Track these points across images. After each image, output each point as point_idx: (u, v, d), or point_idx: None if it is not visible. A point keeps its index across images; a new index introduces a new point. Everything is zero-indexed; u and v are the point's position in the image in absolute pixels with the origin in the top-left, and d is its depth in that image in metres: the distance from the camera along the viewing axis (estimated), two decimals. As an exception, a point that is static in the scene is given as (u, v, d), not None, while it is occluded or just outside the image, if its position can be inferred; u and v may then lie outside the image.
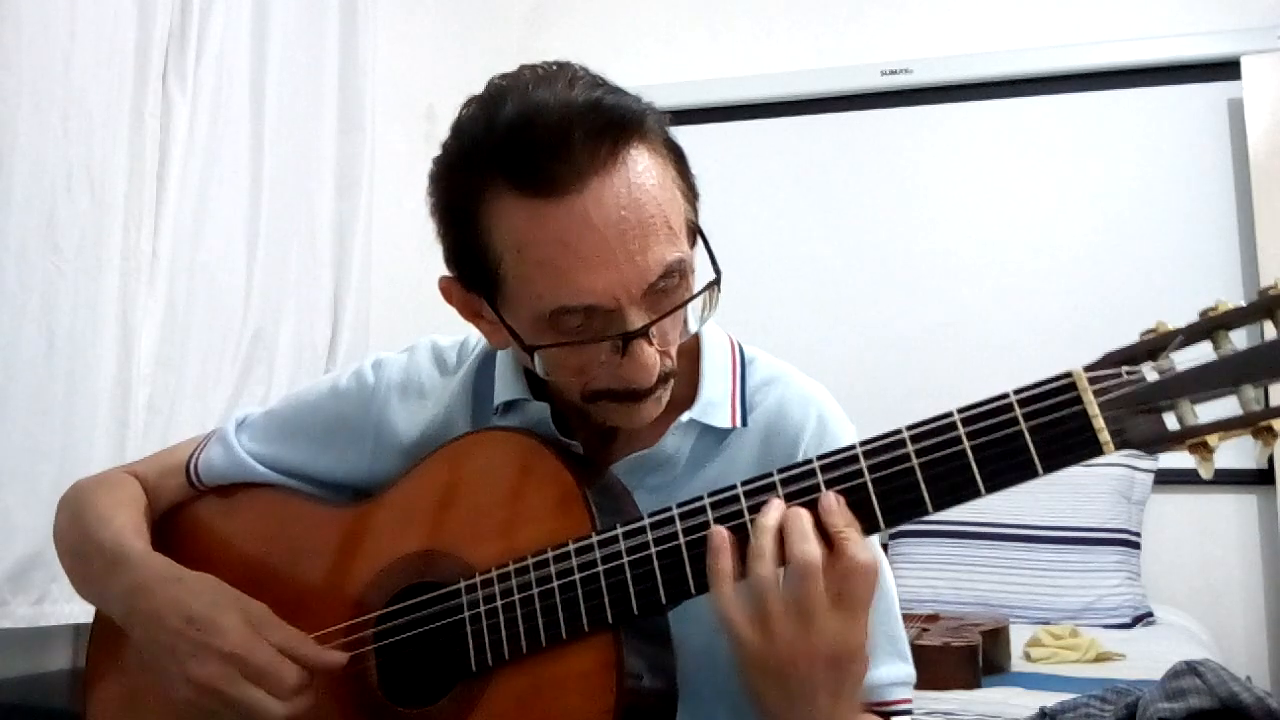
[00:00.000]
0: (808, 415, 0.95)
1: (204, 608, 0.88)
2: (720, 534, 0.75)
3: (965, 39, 3.10)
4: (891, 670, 0.91)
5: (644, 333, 0.80)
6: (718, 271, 0.84)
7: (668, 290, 0.82)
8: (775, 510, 0.75)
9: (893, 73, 3.10)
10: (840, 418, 0.97)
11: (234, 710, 0.85)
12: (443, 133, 0.85)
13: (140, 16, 2.02)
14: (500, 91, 0.81)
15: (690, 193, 0.85)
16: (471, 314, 0.90)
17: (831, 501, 0.74)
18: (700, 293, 0.84)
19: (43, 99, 1.83)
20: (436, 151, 0.86)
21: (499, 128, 0.78)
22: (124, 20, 1.98)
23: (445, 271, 0.90)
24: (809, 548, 0.72)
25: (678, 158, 0.85)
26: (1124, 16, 2.99)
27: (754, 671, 0.75)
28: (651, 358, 0.82)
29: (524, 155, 0.77)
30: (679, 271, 0.81)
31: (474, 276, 0.85)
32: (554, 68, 0.82)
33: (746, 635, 0.74)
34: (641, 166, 0.79)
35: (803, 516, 0.74)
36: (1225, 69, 2.84)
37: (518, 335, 0.83)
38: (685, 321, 0.86)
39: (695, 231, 0.85)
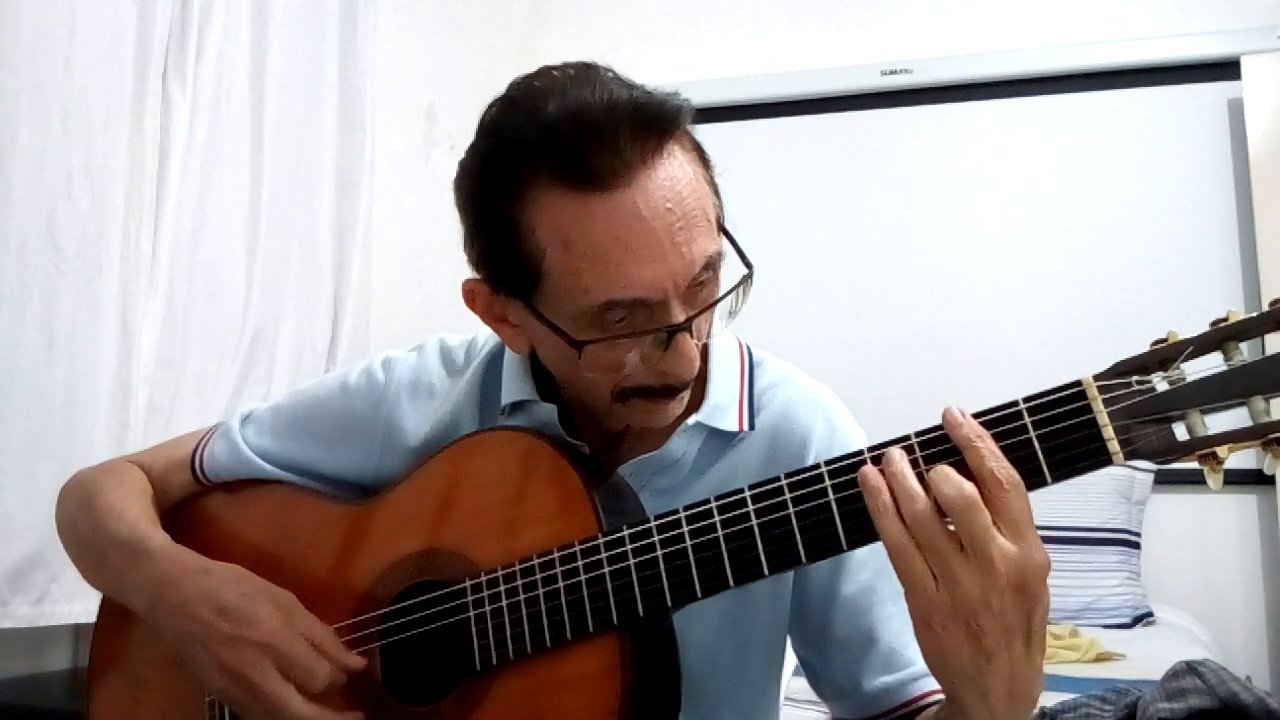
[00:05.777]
0: (815, 419, 0.95)
1: (236, 598, 0.88)
2: (872, 472, 0.70)
3: (965, 39, 3.10)
4: None
5: (688, 325, 0.80)
6: (749, 266, 0.84)
7: (704, 284, 0.82)
8: (900, 457, 0.71)
9: (893, 73, 3.11)
10: (848, 421, 0.97)
11: (259, 702, 0.85)
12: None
13: (140, 16, 2.01)
14: (536, 91, 0.80)
15: (714, 189, 0.86)
16: (495, 319, 0.89)
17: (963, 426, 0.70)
18: (736, 286, 0.84)
19: (43, 99, 1.82)
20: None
21: (544, 124, 0.78)
22: (124, 20, 1.98)
23: (459, 275, 0.89)
24: (959, 483, 0.68)
25: (703, 154, 0.85)
26: (1124, 16, 2.99)
27: (941, 628, 0.68)
28: (693, 350, 0.82)
29: (572, 150, 0.76)
30: (714, 266, 0.82)
31: (509, 276, 0.83)
32: (582, 68, 0.82)
33: (926, 583, 0.68)
34: (680, 161, 0.80)
35: (935, 465, 0.70)
36: (1225, 69, 2.84)
37: (562, 331, 0.82)
38: (713, 317, 0.86)
39: (720, 227, 0.85)
